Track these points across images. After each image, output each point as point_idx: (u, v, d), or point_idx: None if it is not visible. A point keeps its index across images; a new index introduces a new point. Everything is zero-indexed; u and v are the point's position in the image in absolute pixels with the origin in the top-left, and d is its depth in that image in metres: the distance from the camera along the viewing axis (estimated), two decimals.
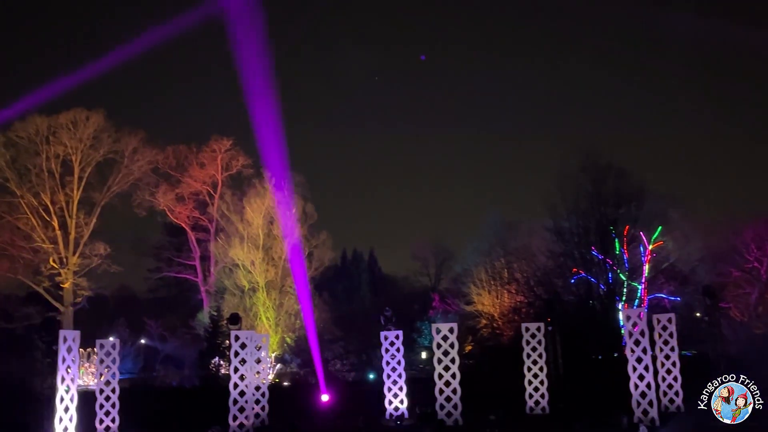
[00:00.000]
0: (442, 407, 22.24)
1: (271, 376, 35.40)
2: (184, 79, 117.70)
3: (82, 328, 26.05)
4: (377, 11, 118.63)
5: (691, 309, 37.86)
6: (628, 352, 20.47)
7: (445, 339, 22.56)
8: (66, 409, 20.08)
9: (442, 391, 22.33)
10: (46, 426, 19.83)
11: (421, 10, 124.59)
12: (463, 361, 26.11)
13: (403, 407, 23.57)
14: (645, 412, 19.59)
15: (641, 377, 19.87)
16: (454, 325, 23.27)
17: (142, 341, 49.22)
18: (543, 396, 24.02)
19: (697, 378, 19.51)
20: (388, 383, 23.78)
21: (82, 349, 26.27)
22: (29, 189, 45.28)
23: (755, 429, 17.50)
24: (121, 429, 22.39)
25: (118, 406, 22.46)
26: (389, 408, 23.57)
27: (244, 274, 42.70)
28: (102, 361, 22.85)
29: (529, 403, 24.06)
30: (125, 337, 43.58)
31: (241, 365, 21.13)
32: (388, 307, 25.12)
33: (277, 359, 40.52)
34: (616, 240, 37.51)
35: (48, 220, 45.71)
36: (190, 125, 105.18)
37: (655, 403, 19.81)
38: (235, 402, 20.98)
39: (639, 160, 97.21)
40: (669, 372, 22.55)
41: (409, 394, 23.80)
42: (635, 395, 19.81)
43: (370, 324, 35.95)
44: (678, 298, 38.07)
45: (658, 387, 21.70)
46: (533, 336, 24.44)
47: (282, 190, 43.02)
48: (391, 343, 24.01)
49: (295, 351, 40.83)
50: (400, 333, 24.30)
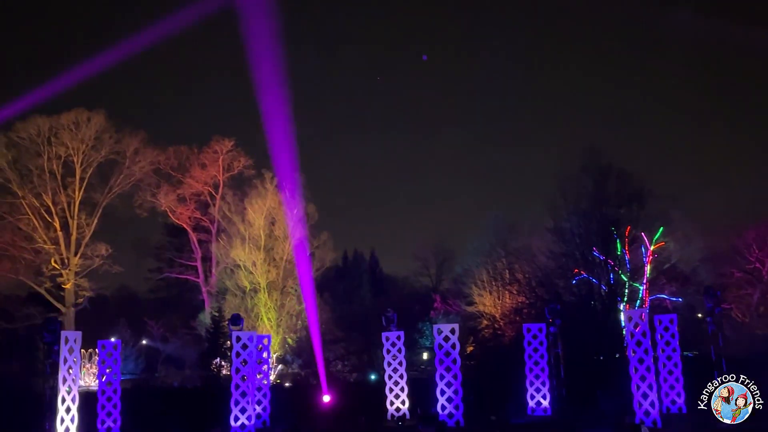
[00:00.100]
0: (443, 408, 22.21)
1: (272, 377, 35.40)
2: (185, 79, 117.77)
3: (83, 328, 26.08)
4: (377, 11, 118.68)
5: (693, 310, 37.80)
6: (629, 353, 20.44)
7: (446, 340, 22.51)
8: (68, 410, 20.10)
9: (443, 392, 22.31)
10: (47, 427, 19.82)
11: (421, 10, 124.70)
12: (464, 362, 26.03)
13: (405, 408, 23.56)
14: (647, 413, 19.54)
15: (643, 378, 19.82)
16: (456, 326, 23.21)
17: (144, 342, 49.26)
18: (544, 397, 24.01)
19: (699, 379, 19.48)
20: (389, 384, 23.75)
21: (83, 350, 26.27)
22: (31, 190, 45.36)
23: (755, 429, 17.48)
24: (123, 430, 22.36)
25: (119, 407, 22.43)
26: (390, 409, 23.55)
27: (246, 274, 42.77)
28: (103, 361, 22.85)
29: (531, 404, 24.04)
30: (126, 337, 43.60)
31: (243, 366, 21.11)
32: (389, 308, 25.09)
33: (279, 360, 40.55)
34: (618, 240, 37.44)
35: (49, 220, 45.78)
36: (192, 126, 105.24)
37: (656, 405, 19.78)
38: (237, 403, 20.97)
39: (640, 160, 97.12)
40: (671, 373, 22.53)
41: (410, 395, 23.79)
42: (637, 396, 19.76)
43: (371, 325, 35.94)
44: (680, 299, 38.06)
45: (659, 388, 21.67)
46: (535, 337, 24.42)
47: (288, 190, 43.08)
48: (393, 344, 23.98)
49: (297, 352, 40.86)
50: (402, 334, 24.26)
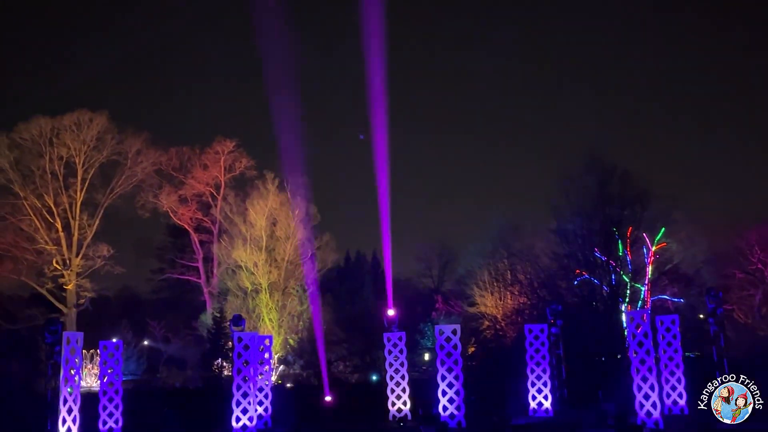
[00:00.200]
0: (444, 409, 22.18)
1: (274, 378, 35.41)
2: (187, 80, 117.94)
3: (85, 329, 26.10)
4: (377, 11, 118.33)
5: (695, 311, 37.71)
6: (631, 354, 20.41)
7: (448, 341, 22.48)
8: (69, 411, 20.11)
9: (444, 393, 22.29)
10: (49, 427, 19.83)
11: (422, 10, 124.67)
12: (466, 362, 26.03)
13: (406, 409, 23.54)
14: (648, 414, 19.51)
15: (644, 379, 19.79)
16: (457, 327, 23.15)
17: (145, 343, 49.24)
18: (546, 398, 23.98)
19: (701, 380, 19.45)
20: (391, 385, 23.73)
21: (85, 351, 26.29)
22: (33, 190, 45.39)
23: (755, 429, 17.44)
24: (125, 430, 22.37)
25: (121, 407, 22.43)
26: (392, 410, 23.52)
27: (247, 275, 42.79)
28: (105, 362, 22.85)
29: (532, 404, 24.01)
30: (128, 338, 43.60)
31: (245, 367, 21.10)
32: (390, 309, 25.08)
33: (280, 361, 40.55)
34: (620, 241, 37.39)
35: (51, 221, 45.81)
36: (194, 127, 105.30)
37: (658, 405, 19.74)
38: (238, 404, 20.96)
39: (643, 161, 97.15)
40: (672, 374, 22.49)
41: (411, 396, 23.77)
42: (638, 397, 19.73)
43: (372, 325, 35.95)
44: (681, 300, 38.00)
45: (661, 389, 21.64)
46: (536, 338, 24.39)
47: (292, 191, 43.15)
48: (394, 345, 23.95)
49: (298, 352, 40.86)
50: (403, 334, 24.23)
